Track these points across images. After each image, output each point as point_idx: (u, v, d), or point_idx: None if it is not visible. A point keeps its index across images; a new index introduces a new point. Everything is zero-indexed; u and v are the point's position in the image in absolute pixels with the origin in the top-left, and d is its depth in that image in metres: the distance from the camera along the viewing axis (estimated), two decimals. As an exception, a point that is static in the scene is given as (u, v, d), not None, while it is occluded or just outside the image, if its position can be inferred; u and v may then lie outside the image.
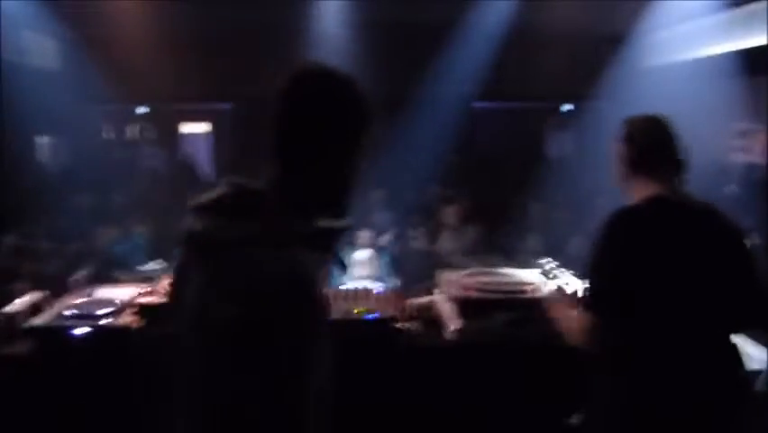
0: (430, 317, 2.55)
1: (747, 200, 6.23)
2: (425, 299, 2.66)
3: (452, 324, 2.41)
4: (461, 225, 5.51)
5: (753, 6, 6.64)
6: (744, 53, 6.89)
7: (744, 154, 8.61)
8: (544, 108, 10.43)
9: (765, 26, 6.11)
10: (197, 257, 1.12)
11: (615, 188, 2.00)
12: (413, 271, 4.94)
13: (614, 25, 7.73)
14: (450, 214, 5.54)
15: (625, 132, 1.93)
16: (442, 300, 2.61)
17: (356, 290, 2.69)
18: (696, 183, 6.62)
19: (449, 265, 4.33)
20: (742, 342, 2.35)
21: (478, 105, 9.79)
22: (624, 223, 1.78)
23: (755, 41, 6.61)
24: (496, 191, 7.76)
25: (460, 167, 8.67)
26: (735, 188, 7.24)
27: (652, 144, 1.88)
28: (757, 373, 2.29)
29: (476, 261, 4.72)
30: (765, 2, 6.12)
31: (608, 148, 2.00)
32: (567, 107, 10.38)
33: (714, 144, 8.89)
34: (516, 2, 7.33)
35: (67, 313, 2.32)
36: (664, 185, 1.84)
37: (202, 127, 11.77)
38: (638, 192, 1.85)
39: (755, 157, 8.20)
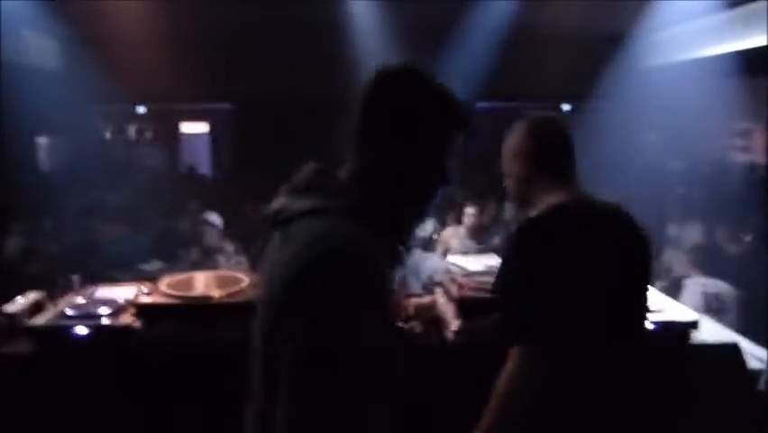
0: (430, 317, 2.55)
1: (747, 199, 6.23)
2: (425, 299, 2.66)
3: (452, 324, 2.41)
4: (480, 226, 5.47)
5: (753, 6, 6.64)
6: (744, 53, 6.89)
7: (744, 154, 8.63)
8: (544, 108, 10.44)
9: (765, 26, 6.11)
10: (273, 234, 1.15)
11: (614, 187, 1.97)
12: (420, 270, 4.93)
13: (614, 25, 7.74)
14: (470, 214, 5.49)
15: (526, 134, 1.76)
16: (442, 300, 2.61)
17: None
18: (696, 182, 6.60)
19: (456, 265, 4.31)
20: (742, 341, 2.35)
21: (478, 105, 9.80)
22: (536, 237, 1.63)
23: (755, 41, 6.61)
24: (495, 191, 7.76)
25: (459, 166, 8.67)
26: (734, 188, 7.26)
27: (556, 146, 1.73)
28: (758, 372, 2.29)
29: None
30: (765, 2, 6.13)
31: (504, 153, 1.82)
32: (567, 107, 10.39)
33: (714, 144, 8.91)
34: (516, 2, 7.33)
35: (67, 313, 2.32)
36: (570, 189, 1.69)
37: (202, 127, 11.81)
38: (544, 199, 1.70)
39: (755, 157, 8.22)
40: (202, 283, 2.45)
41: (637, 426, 1.63)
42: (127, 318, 2.30)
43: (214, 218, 4.91)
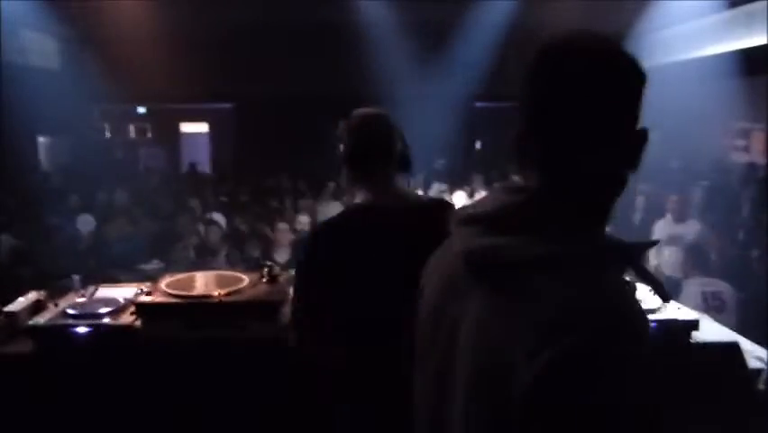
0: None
1: (746, 199, 6.23)
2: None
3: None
4: None
5: (753, 6, 6.65)
6: (744, 53, 6.90)
7: (743, 154, 8.63)
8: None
9: (765, 26, 6.11)
10: (472, 284, 0.82)
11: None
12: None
13: (614, 25, 7.73)
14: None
15: (341, 131, 1.71)
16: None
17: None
18: (695, 182, 6.59)
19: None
20: (742, 341, 2.35)
21: (478, 104, 9.81)
22: (322, 239, 1.65)
23: (755, 41, 6.62)
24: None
25: (460, 166, 8.69)
26: (734, 188, 7.25)
27: (363, 143, 1.66)
28: (758, 372, 2.29)
29: None
30: (765, 2, 6.13)
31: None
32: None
33: (714, 144, 8.91)
34: (516, 2, 7.34)
35: (68, 312, 2.32)
36: (378, 187, 1.65)
37: (202, 127, 11.80)
38: (358, 196, 1.68)
39: (755, 157, 8.22)
40: (202, 283, 2.46)
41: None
42: (127, 318, 2.31)
43: (218, 217, 4.90)
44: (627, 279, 0.82)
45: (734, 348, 2.23)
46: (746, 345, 2.35)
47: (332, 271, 1.60)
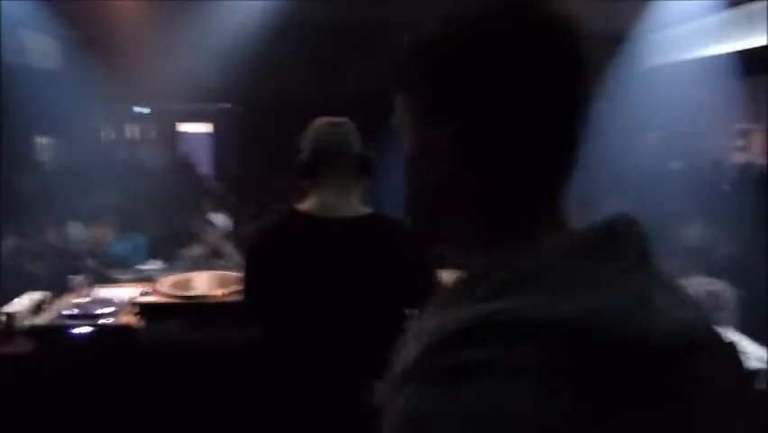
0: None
1: (746, 199, 6.23)
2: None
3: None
4: None
5: (753, 6, 6.64)
6: (744, 53, 6.89)
7: (743, 154, 8.63)
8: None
9: (765, 26, 6.11)
10: None
11: (618, 189, 1.96)
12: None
13: (614, 25, 7.74)
14: None
15: (301, 139, 1.74)
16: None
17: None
18: (696, 182, 6.60)
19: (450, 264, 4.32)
20: (740, 340, 2.35)
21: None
22: (257, 242, 1.72)
23: (755, 41, 6.61)
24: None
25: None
26: (734, 188, 7.26)
27: (314, 153, 1.68)
28: (757, 371, 2.29)
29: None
30: (765, 2, 6.13)
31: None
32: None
33: (714, 144, 8.91)
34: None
35: (67, 313, 2.32)
36: (326, 196, 1.66)
37: (202, 127, 11.78)
38: (307, 201, 1.73)
39: (754, 156, 8.22)
40: (202, 283, 2.46)
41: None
42: (127, 318, 2.31)
43: (219, 219, 4.88)
44: None
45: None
46: (746, 346, 2.35)
47: (263, 276, 1.67)
